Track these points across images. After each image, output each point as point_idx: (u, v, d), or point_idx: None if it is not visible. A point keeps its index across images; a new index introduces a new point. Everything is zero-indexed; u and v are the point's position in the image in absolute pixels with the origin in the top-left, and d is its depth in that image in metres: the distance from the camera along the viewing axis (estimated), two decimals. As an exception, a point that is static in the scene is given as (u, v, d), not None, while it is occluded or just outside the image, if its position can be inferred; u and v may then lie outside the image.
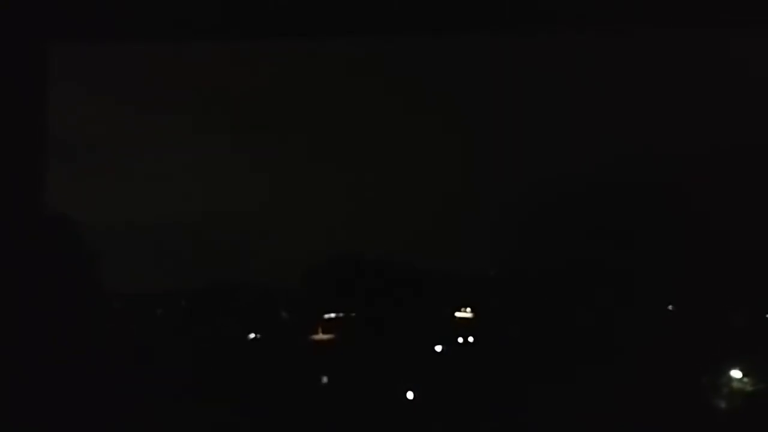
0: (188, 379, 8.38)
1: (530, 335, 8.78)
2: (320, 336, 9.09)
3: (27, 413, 3.31)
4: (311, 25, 3.04)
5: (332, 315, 9.15)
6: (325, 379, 8.77)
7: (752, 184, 8.38)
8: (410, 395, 8.47)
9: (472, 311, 9.14)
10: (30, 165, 3.04)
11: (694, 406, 8.47)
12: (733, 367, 8.61)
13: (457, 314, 9.08)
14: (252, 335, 9.27)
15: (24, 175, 3.02)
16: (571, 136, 8.85)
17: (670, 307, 8.91)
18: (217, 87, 8.50)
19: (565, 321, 8.89)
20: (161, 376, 8.43)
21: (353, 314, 9.12)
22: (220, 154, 8.92)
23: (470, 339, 8.88)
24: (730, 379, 8.57)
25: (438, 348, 8.84)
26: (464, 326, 9.07)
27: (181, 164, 8.86)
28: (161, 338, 9.18)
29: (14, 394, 3.02)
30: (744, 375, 8.49)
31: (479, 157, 9.15)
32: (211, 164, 9.03)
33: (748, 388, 8.59)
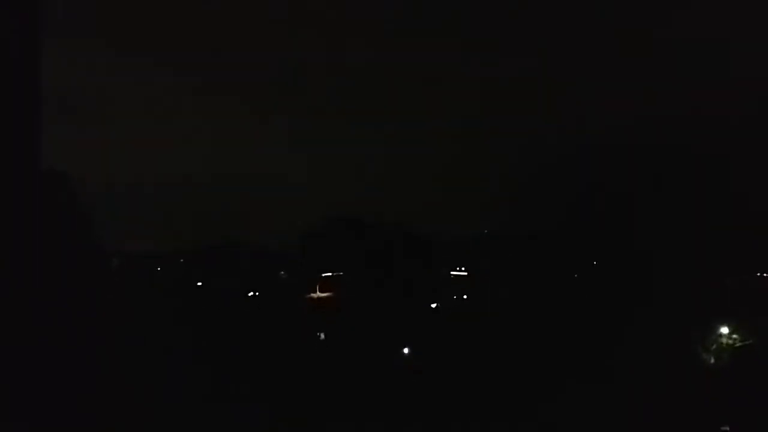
0: (187, 336, 8.66)
1: (524, 293, 9.19)
2: (318, 294, 9.46)
3: (27, 359, 3.48)
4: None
5: (330, 274, 9.55)
6: (322, 336, 9.17)
7: (756, 150, 8.76)
8: (406, 350, 8.86)
9: (466, 270, 9.58)
10: (28, 122, 3.19)
11: (684, 361, 8.95)
12: (722, 324, 9.10)
13: (453, 273, 9.52)
14: (251, 293, 9.62)
15: (23, 132, 3.17)
16: (569, 101, 9.11)
17: (661, 270, 9.32)
18: (222, 43, 8.70)
19: (557, 280, 9.28)
20: (160, 334, 8.69)
21: (351, 273, 9.50)
22: (225, 113, 9.16)
23: (465, 297, 9.29)
24: (720, 335, 9.06)
25: (433, 305, 9.27)
26: (459, 284, 9.47)
27: (185, 123, 9.09)
28: (161, 296, 9.52)
29: (14, 345, 3.19)
30: (732, 332, 8.96)
31: (477, 123, 9.45)
32: (215, 124, 9.29)
33: (737, 344, 9.09)
